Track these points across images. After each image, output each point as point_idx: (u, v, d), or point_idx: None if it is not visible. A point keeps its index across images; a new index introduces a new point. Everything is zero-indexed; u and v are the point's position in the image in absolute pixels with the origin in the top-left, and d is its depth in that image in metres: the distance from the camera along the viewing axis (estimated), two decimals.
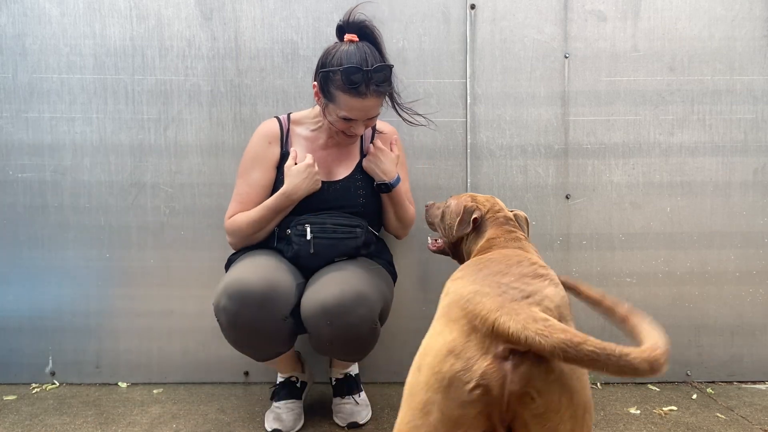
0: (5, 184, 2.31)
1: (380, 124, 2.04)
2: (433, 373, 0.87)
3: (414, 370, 0.93)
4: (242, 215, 1.89)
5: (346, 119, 1.80)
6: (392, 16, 2.30)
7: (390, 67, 1.77)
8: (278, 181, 1.92)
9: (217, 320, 1.71)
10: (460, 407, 0.84)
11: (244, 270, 1.69)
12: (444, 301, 0.98)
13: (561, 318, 0.89)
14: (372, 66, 1.71)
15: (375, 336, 1.73)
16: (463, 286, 0.96)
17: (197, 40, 2.29)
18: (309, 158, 1.86)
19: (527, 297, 0.89)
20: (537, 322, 0.82)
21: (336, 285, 1.67)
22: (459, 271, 1.08)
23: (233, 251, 2.01)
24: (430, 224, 1.82)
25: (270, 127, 1.96)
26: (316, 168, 1.87)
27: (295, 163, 1.87)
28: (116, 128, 2.31)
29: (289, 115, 2.01)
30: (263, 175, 1.92)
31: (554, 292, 0.92)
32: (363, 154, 1.99)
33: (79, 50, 2.29)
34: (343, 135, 1.88)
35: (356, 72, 1.70)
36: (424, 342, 0.95)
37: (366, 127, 1.87)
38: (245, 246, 1.93)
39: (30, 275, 2.33)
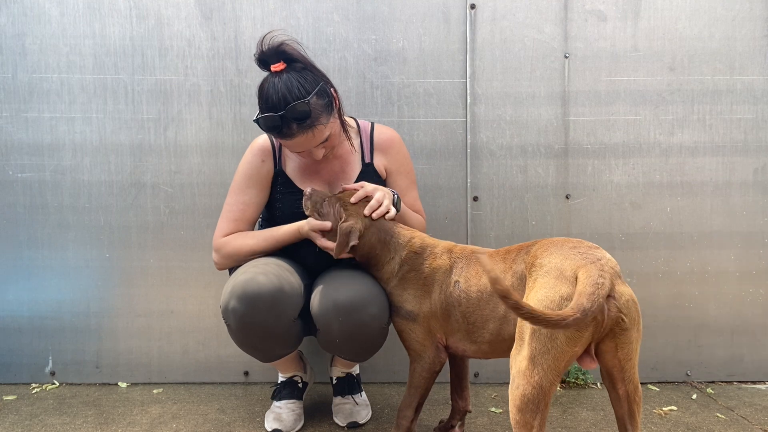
0: (5, 184, 2.31)
1: (379, 130, 1.96)
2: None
3: None
4: (239, 241, 1.83)
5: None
6: (392, 16, 2.30)
7: (306, 103, 1.63)
8: (272, 199, 1.89)
9: (226, 322, 1.70)
10: (578, 330, 1.25)
11: (253, 272, 1.68)
12: (541, 269, 1.35)
13: (617, 274, 1.32)
14: (286, 107, 1.63)
15: (383, 336, 1.72)
16: (554, 258, 1.35)
17: (197, 39, 2.29)
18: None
19: (599, 259, 1.30)
20: (582, 299, 1.22)
21: (348, 284, 1.67)
22: (540, 251, 1.41)
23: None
24: (308, 211, 1.73)
25: (261, 143, 1.90)
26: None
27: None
28: (116, 128, 2.31)
29: None
30: (258, 193, 1.87)
31: (610, 257, 1.35)
32: (363, 163, 1.93)
33: (78, 50, 2.29)
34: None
35: (271, 120, 1.65)
36: (538, 295, 1.30)
37: (326, 149, 1.77)
38: (230, 267, 1.87)
39: (30, 275, 2.33)
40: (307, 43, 2.27)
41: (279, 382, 2.02)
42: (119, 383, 2.34)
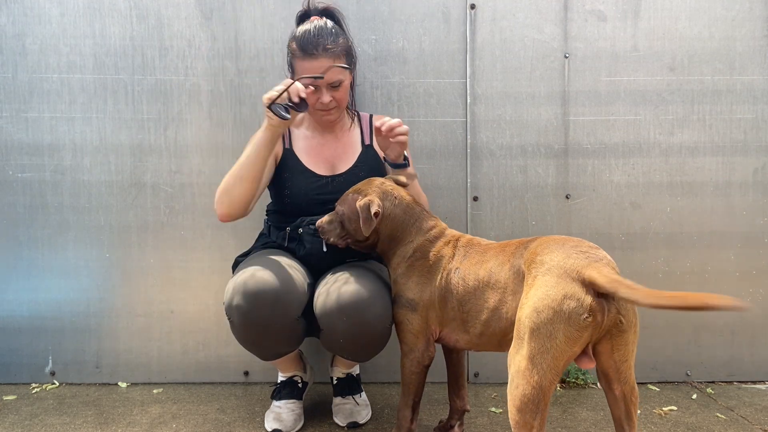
0: (5, 184, 2.31)
1: (377, 118, 2.02)
2: (556, 312, 1.27)
3: (532, 313, 1.29)
4: (226, 176, 1.81)
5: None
6: (392, 16, 2.30)
7: (335, 25, 1.87)
8: (280, 183, 1.91)
9: (229, 318, 1.70)
10: (577, 330, 1.26)
11: (257, 269, 1.68)
12: (542, 266, 1.35)
13: (617, 273, 1.32)
14: (319, 26, 1.82)
15: (386, 336, 1.73)
16: (556, 256, 1.34)
17: (197, 40, 2.29)
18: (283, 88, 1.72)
19: (601, 259, 1.33)
20: (621, 281, 1.26)
21: (352, 283, 1.67)
22: (540, 248, 1.41)
23: (239, 253, 2.01)
24: (328, 239, 1.77)
25: None
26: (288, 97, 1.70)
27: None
28: (116, 128, 2.31)
29: None
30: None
31: (609, 256, 1.36)
32: (363, 145, 1.98)
33: (79, 50, 2.29)
34: (320, 113, 1.87)
35: (303, 34, 1.82)
36: (538, 294, 1.30)
37: (333, 99, 1.83)
38: (230, 210, 1.80)
39: (30, 275, 2.33)
40: None
41: (279, 381, 2.02)
42: (119, 383, 2.34)
